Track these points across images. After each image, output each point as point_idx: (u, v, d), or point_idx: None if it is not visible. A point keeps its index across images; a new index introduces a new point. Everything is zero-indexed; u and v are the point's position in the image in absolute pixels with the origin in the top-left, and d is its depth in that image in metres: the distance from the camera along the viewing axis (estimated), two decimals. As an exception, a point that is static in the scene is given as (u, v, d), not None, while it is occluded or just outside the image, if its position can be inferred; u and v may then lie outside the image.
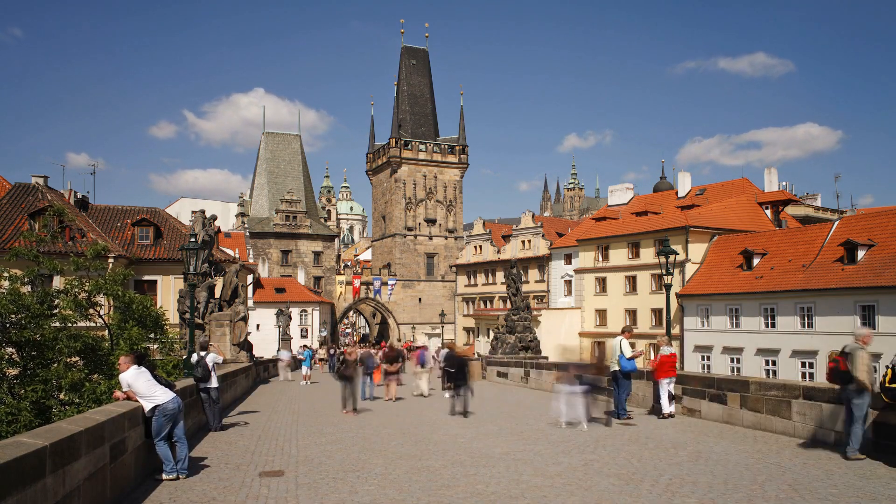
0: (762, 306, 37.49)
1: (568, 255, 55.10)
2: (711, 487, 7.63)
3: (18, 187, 33.87)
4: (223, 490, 7.71)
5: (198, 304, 22.89)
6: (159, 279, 34.58)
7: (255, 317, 49.30)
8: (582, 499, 7.24)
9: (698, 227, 43.56)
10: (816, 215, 57.29)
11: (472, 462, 9.30)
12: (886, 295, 31.64)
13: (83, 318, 18.17)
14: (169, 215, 41.31)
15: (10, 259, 18.78)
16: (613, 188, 62.90)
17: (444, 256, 79.22)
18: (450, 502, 7.15)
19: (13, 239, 28.11)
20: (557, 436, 11.67)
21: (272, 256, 73.70)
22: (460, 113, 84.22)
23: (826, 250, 36.31)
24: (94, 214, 36.98)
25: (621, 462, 9.16)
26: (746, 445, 10.19)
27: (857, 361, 8.76)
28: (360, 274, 78.18)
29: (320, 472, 8.69)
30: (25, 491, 4.70)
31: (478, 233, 70.48)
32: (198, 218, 25.71)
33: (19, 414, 14.92)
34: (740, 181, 53.71)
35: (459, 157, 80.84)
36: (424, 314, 77.63)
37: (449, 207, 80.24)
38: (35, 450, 4.92)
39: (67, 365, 16.54)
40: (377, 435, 12.04)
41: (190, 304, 17.62)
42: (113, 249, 31.02)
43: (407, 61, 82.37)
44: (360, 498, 7.34)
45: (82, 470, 5.92)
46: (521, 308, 29.99)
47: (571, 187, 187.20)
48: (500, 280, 62.98)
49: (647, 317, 45.72)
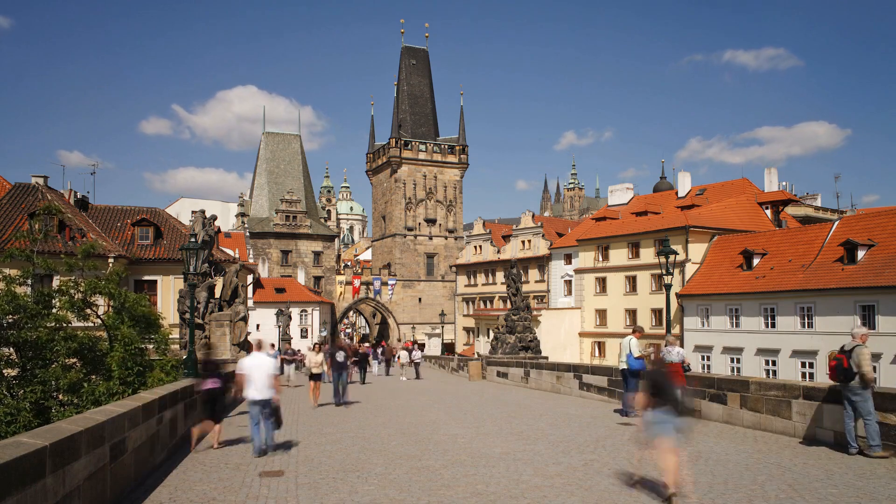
0: (762, 306, 37.49)
1: (568, 255, 55.09)
2: (711, 487, 7.63)
3: (18, 187, 33.85)
4: (223, 490, 7.71)
5: (198, 304, 22.89)
6: (159, 279, 34.55)
7: (255, 317, 49.31)
8: (582, 499, 7.24)
9: (698, 227, 43.56)
10: (816, 215, 57.27)
11: (472, 462, 9.30)
12: (886, 295, 31.63)
13: (80, 318, 18.11)
14: (169, 215, 41.28)
15: (6, 259, 18.71)
16: (613, 188, 62.91)
17: (444, 256, 79.22)
18: (450, 502, 7.15)
19: (13, 239, 28.08)
20: (557, 436, 11.67)
21: (272, 256, 73.70)
22: (460, 113, 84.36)
23: (826, 250, 36.30)
24: (94, 214, 36.96)
25: (621, 462, 9.16)
26: (746, 445, 10.18)
27: (860, 357, 8.83)
28: (360, 274, 78.18)
29: (320, 472, 8.69)
30: (25, 491, 4.69)
31: (478, 233, 70.49)
32: (198, 218, 25.71)
33: (19, 414, 14.89)
34: (740, 181, 53.70)
35: (459, 157, 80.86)
36: (424, 314, 77.63)
37: (449, 207, 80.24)
38: (35, 450, 4.92)
39: (65, 366, 16.48)
40: (377, 435, 12.04)
41: (190, 304, 17.62)
42: (113, 249, 31.01)
43: (407, 61, 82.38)
44: (360, 498, 7.34)
45: (82, 470, 5.92)
46: (521, 308, 29.99)
47: (571, 187, 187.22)
48: (500, 280, 62.98)
49: (647, 317, 45.71)
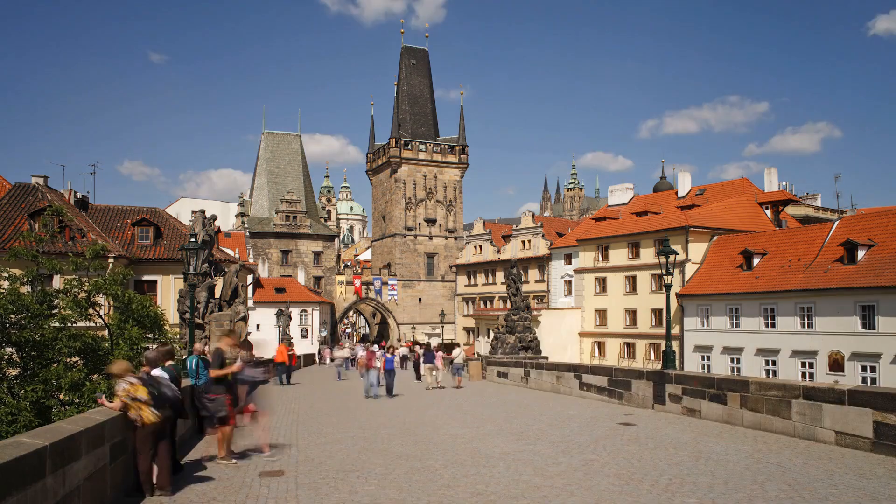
0: (762, 306, 37.49)
1: (568, 255, 55.10)
2: (711, 487, 7.63)
3: (18, 187, 33.85)
4: (223, 490, 7.71)
5: (198, 304, 22.85)
6: (159, 279, 34.56)
7: (255, 317, 49.29)
8: (582, 499, 7.24)
9: (698, 227, 43.55)
10: (816, 215, 57.25)
11: (472, 462, 9.30)
12: (886, 295, 31.63)
13: (83, 318, 18.16)
14: (169, 215, 41.29)
15: (9, 259, 18.77)
16: (613, 188, 62.89)
17: (444, 256, 79.21)
18: (450, 502, 7.15)
19: (13, 239, 28.10)
20: (557, 436, 11.68)
21: (272, 256, 73.69)
22: (460, 113, 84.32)
23: (826, 250, 36.30)
24: (94, 214, 36.96)
25: (621, 462, 9.16)
26: (746, 445, 10.18)
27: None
28: (360, 274, 78.16)
29: (320, 472, 8.69)
30: (25, 491, 4.69)
31: (478, 233, 70.49)
32: (198, 218, 25.68)
33: (19, 414, 14.91)
34: (740, 181, 53.71)
35: (459, 157, 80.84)
36: (424, 314, 77.62)
37: (449, 207, 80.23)
38: (35, 450, 4.92)
39: (67, 365, 16.52)
40: (377, 435, 12.04)
41: (190, 304, 17.62)
42: (113, 249, 31.01)
43: (407, 61, 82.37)
44: (360, 498, 7.34)
45: (82, 470, 5.92)
46: (521, 308, 29.99)
47: (571, 187, 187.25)
48: (500, 280, 62.98)
49: (647, 317, 45.72)
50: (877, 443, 9.14)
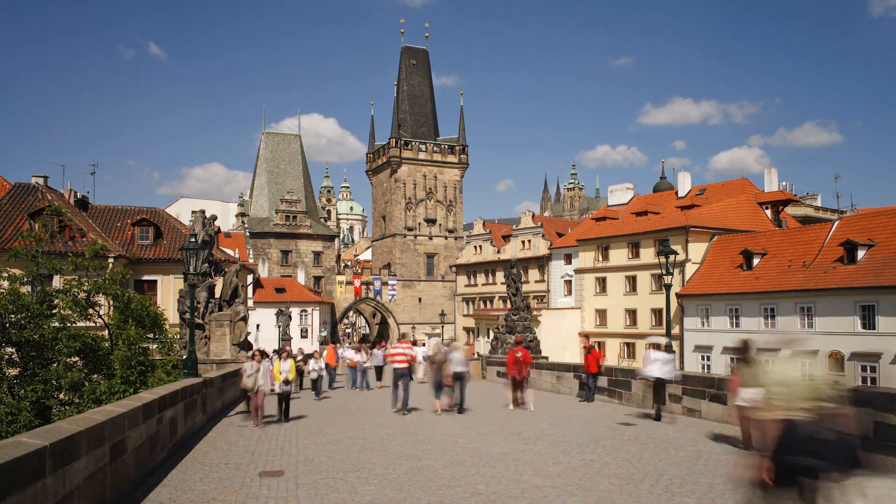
0: (762, 306, 37.49)
1: (568, 255, 55.09)
2: (711, 487, 7.63)
3: (18, 187, 33.85)
4: (223, 490, 7.71)
5: (198, 304, 22.89)
6: (159, 279, 34.57)
7: (255, 317, 49.23)
8: (582, 499, 7.24)
9: (698, 227, 43.56)
10: (816, 215, 57.24)
11: (472, 462, 9.30)
12: (886, 295, 31.63)
13: (83, 318, 18.15)
14: (169, 215, 41.29)
15: (9, 259, 18.78)
16: (613, 188, 62.90)
17: (444, 256, 79.18)
18: (450, 502, 7.15)
19: (13, 239, 28.10)
20: (557, 436, 11.67)
21: (272, 256, 73.67)
22: (460, 113, 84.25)
23: (826, 250, 36.30)
24: (94, 214, 36.96)
25: (621, 462, 9.16)
26: (746, 445, 10.18)
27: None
28: (360, 274, 78.14)
29: (320, 472, 8.69)
30: (25, 491, 4.69)
31: (478, 233, 70.47)
32: (198, 218, 25.72)
33: (19, 414, 14.90)
34: (740, 181, 53.72)
35: (459, 157, 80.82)
36: (424, 314, 77.60)
37: (449, 207, 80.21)
38: (35, 450, 4.92)
39: (67, 365, 16.52)
40: (377, 435, 12.04)
41: (190, 304, 17.62)
42: (113, 249, 31.01)
43: (407, 61, 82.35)
44: (360, 498, 7.34)
45: (82, 470, 5.92)
46: (521, 308, 29.98)
47: (571, 187, 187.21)
48: (500, 280, 62.95)
49: (647, 317, 45.72)
50: (877, 443, 9.13)
